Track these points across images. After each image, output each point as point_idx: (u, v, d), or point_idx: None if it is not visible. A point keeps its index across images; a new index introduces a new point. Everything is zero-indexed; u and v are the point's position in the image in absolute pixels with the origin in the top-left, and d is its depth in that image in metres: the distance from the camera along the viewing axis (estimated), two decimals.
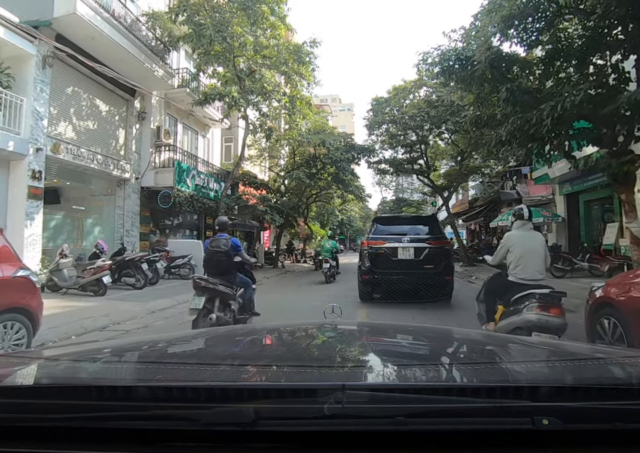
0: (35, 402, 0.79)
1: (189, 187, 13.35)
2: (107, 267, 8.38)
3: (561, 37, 8.07)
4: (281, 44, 11.10)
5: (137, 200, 12.72)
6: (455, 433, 0.75)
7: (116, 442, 0.75)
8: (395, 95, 16.50)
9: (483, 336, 1.95)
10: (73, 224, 11.44)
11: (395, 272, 7.54)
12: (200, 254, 12.75)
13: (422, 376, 1.05)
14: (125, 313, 6.87)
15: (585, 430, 0.74)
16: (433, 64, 8.64)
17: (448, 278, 7.65)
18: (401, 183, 59.35)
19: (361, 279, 8.03)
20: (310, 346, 1.50)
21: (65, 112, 10.28)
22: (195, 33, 10.40)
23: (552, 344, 1.68)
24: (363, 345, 1.51)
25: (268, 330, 1.85)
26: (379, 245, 7.85)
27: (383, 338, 1.70)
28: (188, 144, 15.84)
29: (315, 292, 10.19)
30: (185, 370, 1.07)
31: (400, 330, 1.86)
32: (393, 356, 1.36)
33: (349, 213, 39.44)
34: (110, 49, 10.31)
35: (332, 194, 23.80)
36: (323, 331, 1.70)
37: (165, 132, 13.18)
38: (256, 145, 18.04)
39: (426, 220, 9.43)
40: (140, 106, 12.95)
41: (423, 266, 7.50)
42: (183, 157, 13.87)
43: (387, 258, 7.71)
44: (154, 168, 12.99)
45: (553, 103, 6.35)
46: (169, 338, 1.87)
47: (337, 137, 17.15)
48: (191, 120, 15.85)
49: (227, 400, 0.77)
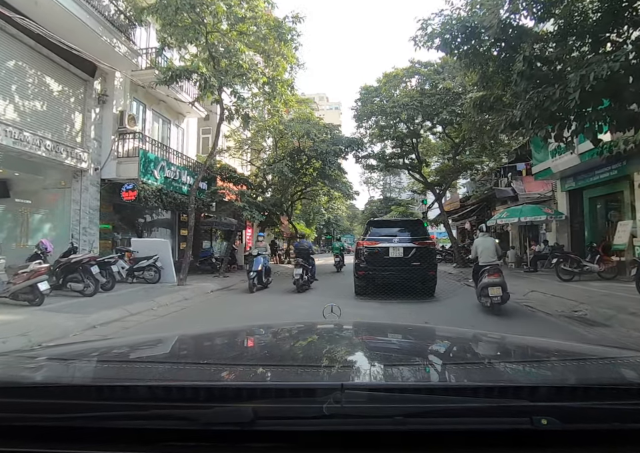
0: (35, 401, 0.79)
1: (156, 180, 11.92)
2: (43, 271, 6.95)
3: (574, 11, 7.02)
4: (259, 16, 9.76)
5: (97, 194, 11.25)
6: (453, 433, 0.75)
7: (116, 441, 0.75)
8: (386, 83, 15.28)
9: (482, 336, 1.82)
10: (15, 220, 9.90)
11: (387, 268, 8.57)
12: (167, 254, 11.40)
13: (421, 375, 1.06)
14: (54, 329, 5.48)
15: (583, 429, 0.74)
16: (432, 35, 7.44)
17: (432, 273, 8.71)
18: (389, 182, 58.73)
19: (357, 275, 8.95)
20: (309, 345, 1.49)
21: (4, 89, 8.79)
22: (159, 1, 9.00)
23: (551, 344, 1.63)
24: (362, 345, 1.51)
25: (267, 329, 1.82)
26: (373, 245, 8.89)
27: (381, 337, 1.70)
28: (159, 133, 14.38)
29: (298, 300, 8.90)
30: (184, 370, 1.08)
31: (399, 330, 1.87)
32: (391, 355, 1.37)
33: (336, 212, 38.03)
34: (58, 17, 8.86)
35: (318, 191, 22.54)
36: (322, 331, 1.73)
37: (130, 118, 11.72)
38: (235, 136, 16.63)
39: (413, 223, 10.58)
40: (101, 88, 11.48)
41: (410, 263, 8.53)
42: (151, 147, 12.41)
43: (380, 256, 8.72)
44: (116, 158, 11.52)
45: (584, 72, 5.20)
46: (168, 337, 1.79)
47: (322, 128, 15.87)
48: (162, 108, 14.40)
49: (226, 400, 0.78)
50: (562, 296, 8.06)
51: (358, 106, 16.33)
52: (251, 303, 8.51)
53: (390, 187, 57.87)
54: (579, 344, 2.09)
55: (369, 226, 9.80)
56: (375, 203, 55.84)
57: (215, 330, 2.43)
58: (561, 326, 5.81)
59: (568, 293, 8.33)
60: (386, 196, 55.85)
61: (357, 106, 16.37)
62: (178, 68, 9.39)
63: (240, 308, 7.98)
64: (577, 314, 6.51)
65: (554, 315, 6.61)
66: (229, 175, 15.77)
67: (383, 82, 15.32)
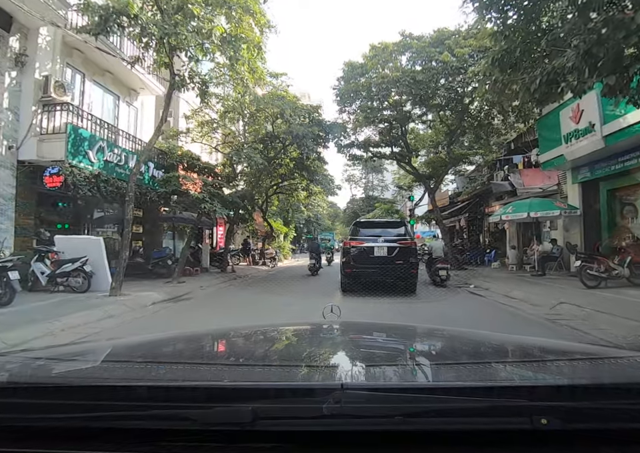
0: (33, 402, 0.79)
1: (92, 163, 9.60)
2: None
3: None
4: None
5: (11, 179, 8.88)
6: (453, 432, 0.75)
7: (115, 441, 0.75)
8: (373, 58, 13.21)
9: (482, 336, 1.77)
10: None
11: (372, 266, 8.94)
12: (100, 255, 9.10)
13: (420, 375, 1.06)
14: None
15: (583, 429, 0.74)
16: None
17: (413, 272, 9.12)
18: (371, 180, 57.04)
19: (344, 272, 9.37)
20: (309, 345, 1.50)
21: None
22: None
23: (551, 344, 1.66)
24: (362, 345, 1.52)
25: (266, 329, 1.83)
26: (360, 245, 9.32)
27: (381, 338, 1.71)
28: (102, 110, 12.00)
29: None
30: (184, 370, 1.07)
31: (399, 330, 1.88)
32: (391, 355, 1.37)
33: (316, 209, 35.86)
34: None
35: (296, 186, 20.41)
36: (322, 331, 1.73)
37: (58, 86, 9.37)
38: (198, 117, 14.35)
39: (397, 224, 10.83)
40: (19, 47, 9.12)
41: (394, 262, 8.98)
42: (88, 124, 10.07)
43: (366, 255, 9.15)
44: (38, 135, 9.17)
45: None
46: (168, 337, 1.79)
47: (300, 110, 13.75)
48: (108, 80, 12.05)
49: (226, 400, 0.78)
50: (606, 310, 6.19)
51: (340, 85, 14.25)
52: (198, 321, 6.34)
53: (372, 185, 56.21)
54: (578, 344, 2.12)
55: (356, 226, 10.29)
56: (357, 202, 54.20)
57: (214, 330, 2.30)
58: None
59: (610, 306, 6.48)
60: (368, 194, 54.32)
61: (340, 85, 14.29)
62: (101, 6, 7.11)
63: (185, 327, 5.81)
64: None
65: (623, 344, 4.66)
66: (191, 163, 13.52)
67: (370, 55, 13.23)
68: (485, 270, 14.84)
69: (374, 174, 54.50)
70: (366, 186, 56.60)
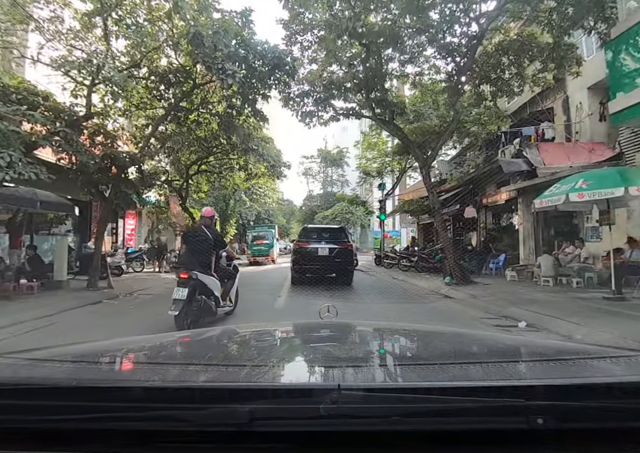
0: (30, 403, 0.77)
1: None
2: None
3: None
4: None
5: None
6: (450, 432, 0.74)
7: (111, 443, 0.73)
8: None
9: (478, 337, 1.80)
10: None
11: (317, 263, 10.59)
12: None
13: (417, 375, 1.04)
14: None
15: (580, 429, 0.73)
16: None
17: (349, 268, 10.98)
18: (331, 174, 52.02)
19: (293, 268, 11.08)
20: (305, 346, 1.50)
21: None
22: None
23: (547, 343, 1.63)
24: (359, 345, 1.52)
25: (263, 330, 1.82)
26: (307, 246, 11.16)
27: (378, 338, 1.69)
28: None
29: None
30: (180, 371, 1.06)
31: (395, 330, 1.85)
32: (388, 356, 1.36)
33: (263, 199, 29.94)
34: None
35: (229, 163, 14.80)
36: (319, 331, 1.73)
37: None
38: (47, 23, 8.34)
39: (337, 230, 12.55)
40: None
41: (334, 260, 10.70)
42: None
43: (311, 254, 10.86)
44: None
45: None
46: (164, 338, 1.78)
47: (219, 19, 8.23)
48: None
49: (222, 401, 0.76)
50: None
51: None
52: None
53: (332, 180, 51.23)
54: (574, 344, 2.13)
55: (304, 231, 12.41)
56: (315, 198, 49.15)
57: (210, 330, 2.27)
58: None
59: None
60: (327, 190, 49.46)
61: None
62: None
63: None
64: None
65: None
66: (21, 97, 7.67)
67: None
68: (502, 284, 10.01)
69: (333, 167, 49.57)
70: (324, 181, 51.66)
